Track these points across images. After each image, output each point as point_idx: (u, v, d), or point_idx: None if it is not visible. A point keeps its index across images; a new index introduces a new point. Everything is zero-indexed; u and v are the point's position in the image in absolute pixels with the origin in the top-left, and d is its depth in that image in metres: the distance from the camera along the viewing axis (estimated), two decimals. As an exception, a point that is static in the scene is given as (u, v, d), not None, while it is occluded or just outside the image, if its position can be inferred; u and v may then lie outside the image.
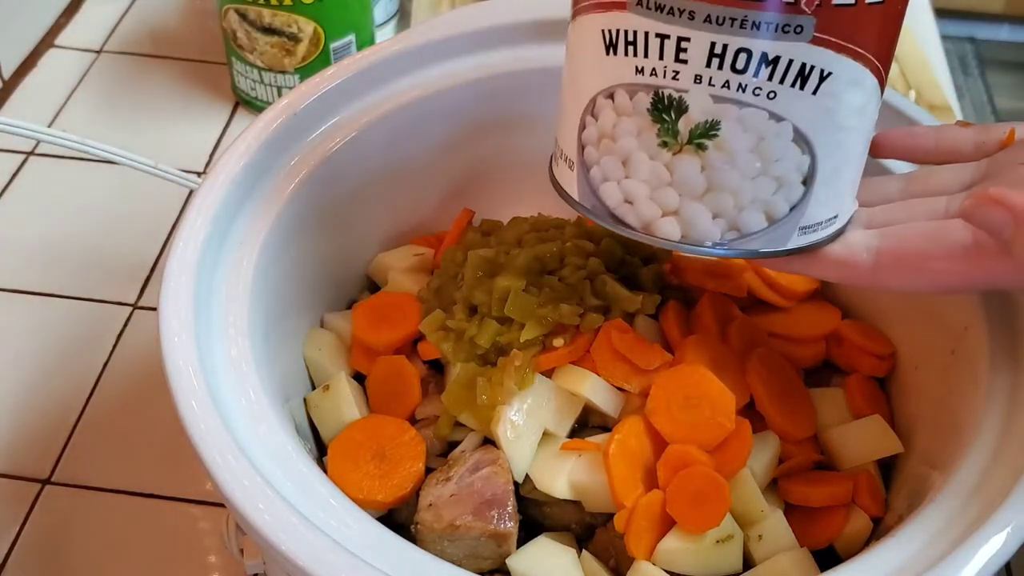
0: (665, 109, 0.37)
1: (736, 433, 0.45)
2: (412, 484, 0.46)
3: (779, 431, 0.48)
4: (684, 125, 0.37)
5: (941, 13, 0.95)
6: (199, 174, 0.75)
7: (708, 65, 0.36)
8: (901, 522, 0.41)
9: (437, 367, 0.51)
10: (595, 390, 0.47)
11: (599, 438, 0.46)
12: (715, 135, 0.37)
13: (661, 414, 0.46)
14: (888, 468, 0.50)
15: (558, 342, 0.47)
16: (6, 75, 0.84)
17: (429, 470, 0.47)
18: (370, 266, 0.58)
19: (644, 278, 0.51)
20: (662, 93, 0.37)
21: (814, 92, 0.36)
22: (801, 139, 0.37)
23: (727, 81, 0.36)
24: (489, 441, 0.47)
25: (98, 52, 0.88)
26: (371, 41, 0.81)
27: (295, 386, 0.50)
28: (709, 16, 0.35)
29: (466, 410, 0.47)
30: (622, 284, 0.50)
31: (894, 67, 0.85)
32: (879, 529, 0.47)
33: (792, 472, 0.48)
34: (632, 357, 0.47)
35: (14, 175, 0.77)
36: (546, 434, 0.46)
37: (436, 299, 0.51)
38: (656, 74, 0.37)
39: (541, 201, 0.60)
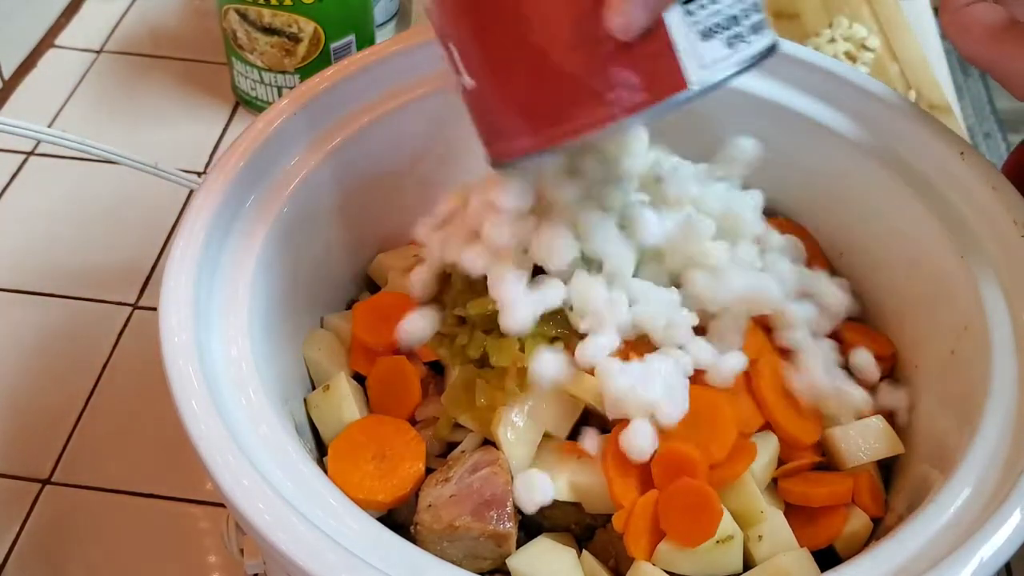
0: None
1: (739, 442, 0.45)
2: (412, 484, 0.46)
3: (788, 438, 0.47)
4: None
5: (941, 13, 0.95)
6: (199, 174, 0.75)
7: None
8: (901, 522, 0.41)
9: (437, 368, 0.51)
10: (595, 391, 0.47)
11: (599, 439, 0.46)
12: None
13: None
14: (888, 468, 0.50)
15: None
16: (6, 75, 0.84)
17: (429, 470, 0.47)
18: (370, 266, 0.58)
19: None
20: None
21: None
22: None
23: None
24: (489, 442, 0.47)
25: (98, 52, 0.88)
26: (371, 41, 0.81)
27: (295, 386, 0.50)
28: None
29: (466, 412, 0.47)
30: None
31: (894, 66, 0.85)
32: (879, 529, 0.47)
33: (792, 472, 0.48)
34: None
35: (14, 175, 0.77)
36: (546, 435, 0.46)
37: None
38: None
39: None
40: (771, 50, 0.40)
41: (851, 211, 0.55)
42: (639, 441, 0.43)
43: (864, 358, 0.50)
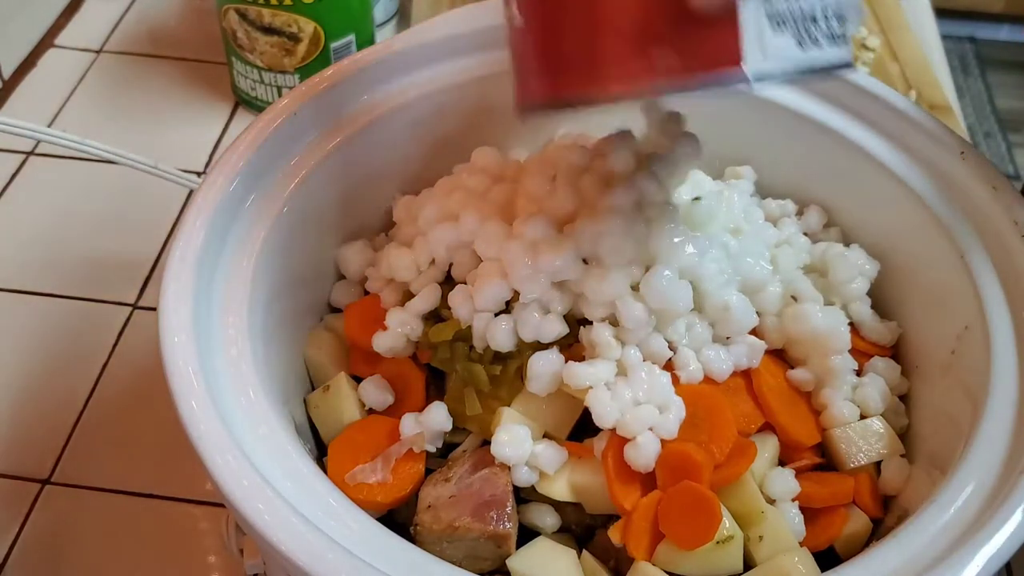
0: None
1: (739, 442, 0.45)
2: (412, 485, 0.46)
3: (788, 439, 0.47)
4: None
5: (941, 13, 0.95)
6: (199, 174, 0.75)
7: None
8: (901, 522, 0.41)
9: (437, 368, 0.51)
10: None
11: (599, 439, 0.46)
12: None
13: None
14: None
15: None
16: (6, 75, 0.84)
17: (429, 471, 0.47)
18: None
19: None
20: None
21: None
22: None
23: None
24: (489, 442, 0.47)
25: (98, 52, 0.88)
26: (371, 41, 0.81)
27: (295, 386, 0.50)
28: None
29: (467, 416, 0.47)
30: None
31: (894, 66, 0.85)
32: (879, 529, 0.47)
33: (792, 473, 0.48)
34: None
35: (14, 175, 0.77)
36: (546, 435, 0.46)
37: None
38: None
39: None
40: (843, 66, 0.37)
41: (851, 212, 0.55)
42: (644, 455, 0.43)
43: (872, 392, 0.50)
